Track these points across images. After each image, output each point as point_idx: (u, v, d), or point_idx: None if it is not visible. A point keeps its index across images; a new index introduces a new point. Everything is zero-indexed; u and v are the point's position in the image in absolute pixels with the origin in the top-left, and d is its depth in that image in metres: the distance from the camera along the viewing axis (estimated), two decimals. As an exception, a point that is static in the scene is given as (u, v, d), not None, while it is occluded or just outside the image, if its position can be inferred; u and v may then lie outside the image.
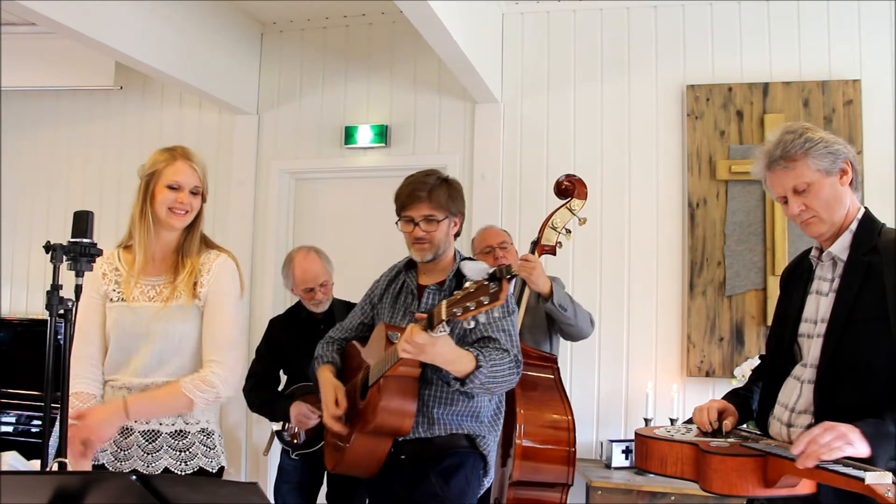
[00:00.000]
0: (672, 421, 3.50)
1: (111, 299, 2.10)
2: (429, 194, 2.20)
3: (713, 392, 3.72)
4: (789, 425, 1.76)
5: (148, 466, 2.03)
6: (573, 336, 3.14)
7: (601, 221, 3.90)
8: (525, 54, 4.15)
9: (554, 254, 2.99)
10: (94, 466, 2.01)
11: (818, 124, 3.65)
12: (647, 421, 3.47)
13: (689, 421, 1.99)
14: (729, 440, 1.75)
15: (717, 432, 1.82)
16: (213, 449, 2.12)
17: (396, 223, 2.28)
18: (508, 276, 1.68)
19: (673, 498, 3.20)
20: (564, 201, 2.99)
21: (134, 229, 2.12)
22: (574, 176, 2.99)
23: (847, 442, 1.45)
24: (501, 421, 2.30)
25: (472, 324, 1.76)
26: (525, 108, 4.12)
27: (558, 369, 2.99)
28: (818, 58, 3.77)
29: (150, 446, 2.04)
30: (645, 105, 3.96)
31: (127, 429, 2.05)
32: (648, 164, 3.92)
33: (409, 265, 2.34)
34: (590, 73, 4.05)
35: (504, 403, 2.32)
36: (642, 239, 3.89)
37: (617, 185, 3.93)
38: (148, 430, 2.05)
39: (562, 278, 3.69)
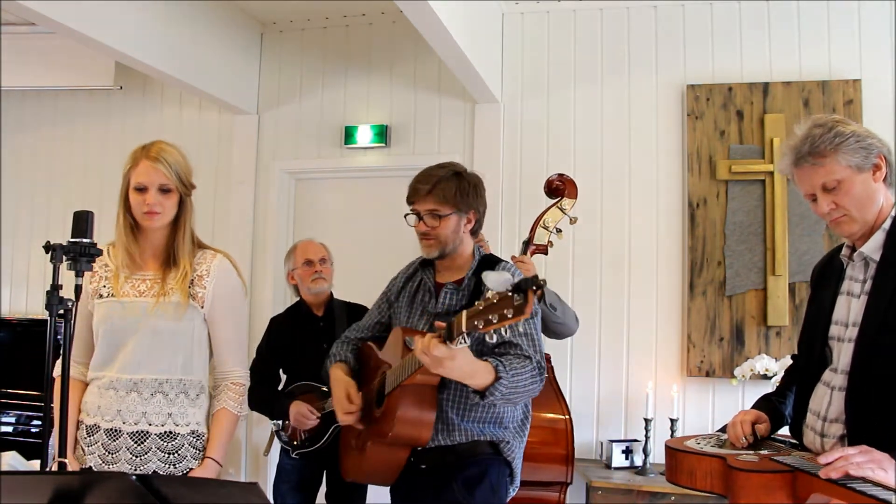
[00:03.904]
0: (672, 421, 3.50)
1: (101, 295, 2.08)
2: (433, 187, 2.09)
3: (713, 392, 3.72)
4: (822, 435, 1.68)
5: (136, 469, 2.00)
6: (560, 334, 3.11)
7: (601, 221, 3.90)
8: (525, 54, 4.15)
9: (546, 253, 2.98)
10: (80, 469, 2.00)
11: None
12: (647, 421, 3.47)
13: (723, 427, 1.92)
14: (759, 452, 1.68)
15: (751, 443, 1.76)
16: (203, 451, 2.10)
17: (406, 216, 2.17)
18: (535, 287, 1.50)
19: (673, 498, 3.20)
20: (555, 200, 2.99)
21: (115, 231, 2.11)
22: (565, 175, 2.99)
23: (880, 468, 1.39)
24: (528, 427, 2.18)
25: (495, 338, 1.59)
26: (525, 108, 4.12)
27: (552, 368, 2.99)
28: (818, 58, 3.76)
29: (138, 448, 2.02)
30: (645, 105, 3.96)
31: (115, 430, 2.02)
32: (648, 165, 3.92)
33: (426, 263, 2.24)
34: (590, 73, 4.05)
35: (531, 409, 2.20)
36: (642, 239, 3.89)
37: (617, 185, 3.93)
38: (137, 432, 2.02)
39: (562, 278, 3.69)
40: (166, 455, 2.03)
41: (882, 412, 1.56)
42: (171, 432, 2.05)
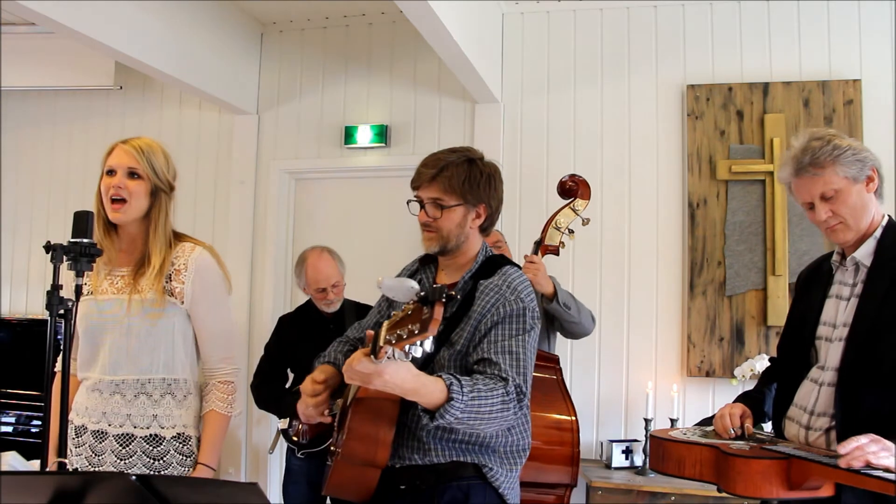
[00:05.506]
0: (672, 421, 3.50)
1: (82, 294, 2.06)
2: (439, 173, 1.86)
3: (713, 392, 3.72)
4: (808, 428, 1.78)
5: None
6: (576, 334, 3.12)
7: (601, 221, 3.90)
8: (525, 54, 4.15)
9: (557, 254, 2.99)
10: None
11: (818, 124, 3.66)
12: (647, 421, 3.47)
13: (702, 422, 2.00)
14: (748, 443, 1.76)
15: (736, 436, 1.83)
16: (190, 456, 2.07)
17: (408, 203, 1.96)
18: (443, 298, 1.31)
19: (673, 498, 3.20)
20: (568, 201, 2.99)
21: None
22: (578, 176, 2.99)
23: (891, 454, 1.47)
24: (524, 457, 1.92)
25: (417, 353, 1.38)
26: (525, 108, 4.12)
27: (560, 370, 2.99)
28: (818, 58, 3.77)
29: (123, 451, 2.00)
30: (645, 105, 3.96)
31: (102, 432, 2.01)
32: (648, 164, 3.92)
33: (427, 259, 2.03)
34: (590, 73, 4.05)
35: (529, 439, 1.93)
36: (642, 239, 3.89)
37: (617, 185, 3.93)
38: (122, 434, 2.01)
39: (562, 278, 3.68)
40: (151, 460, 2.01)
41: (870, 406, 1.66)
42: (156, 435, 2.02)
